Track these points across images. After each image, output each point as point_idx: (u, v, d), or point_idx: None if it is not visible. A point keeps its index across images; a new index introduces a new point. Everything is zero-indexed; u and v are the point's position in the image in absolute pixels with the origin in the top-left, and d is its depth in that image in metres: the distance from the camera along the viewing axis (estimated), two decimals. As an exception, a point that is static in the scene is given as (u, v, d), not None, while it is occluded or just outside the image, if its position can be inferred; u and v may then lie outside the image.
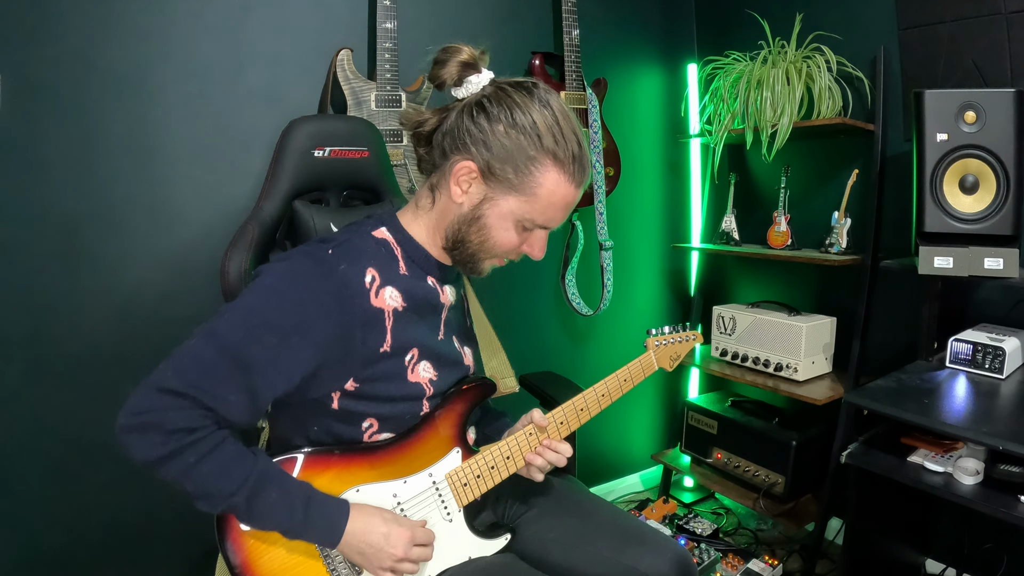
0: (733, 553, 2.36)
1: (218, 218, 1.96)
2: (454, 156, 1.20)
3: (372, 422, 1.23)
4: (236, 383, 1.07)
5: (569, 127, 1.19)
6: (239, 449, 1.09)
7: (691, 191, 3.08)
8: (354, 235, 1.24)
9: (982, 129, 1.76)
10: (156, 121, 1.88)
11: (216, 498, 1.07)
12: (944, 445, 1.75)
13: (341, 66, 1.97)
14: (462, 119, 1.20)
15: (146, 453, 1.03)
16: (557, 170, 1.18)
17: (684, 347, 1.54)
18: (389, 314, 1.20)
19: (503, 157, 1.17)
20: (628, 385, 1.42)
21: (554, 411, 1.36)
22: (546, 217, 1.22)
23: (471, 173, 1.19)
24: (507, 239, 1.23)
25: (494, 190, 1.20)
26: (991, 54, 2.01)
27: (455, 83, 1.21)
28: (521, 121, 1.16)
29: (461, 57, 1.20)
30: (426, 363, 1.26)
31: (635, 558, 1.32)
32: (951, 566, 2.25)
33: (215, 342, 1.07)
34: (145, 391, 1.04)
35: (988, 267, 1.76)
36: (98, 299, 1.85)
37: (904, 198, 1.99)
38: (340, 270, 1.16)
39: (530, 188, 1.18)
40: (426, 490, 1.27)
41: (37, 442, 1.80)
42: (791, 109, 2.29)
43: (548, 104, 1.19)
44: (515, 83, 1.21)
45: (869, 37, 2.33)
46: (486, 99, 1.19)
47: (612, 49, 2.75)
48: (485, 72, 1.22)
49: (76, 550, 1.86)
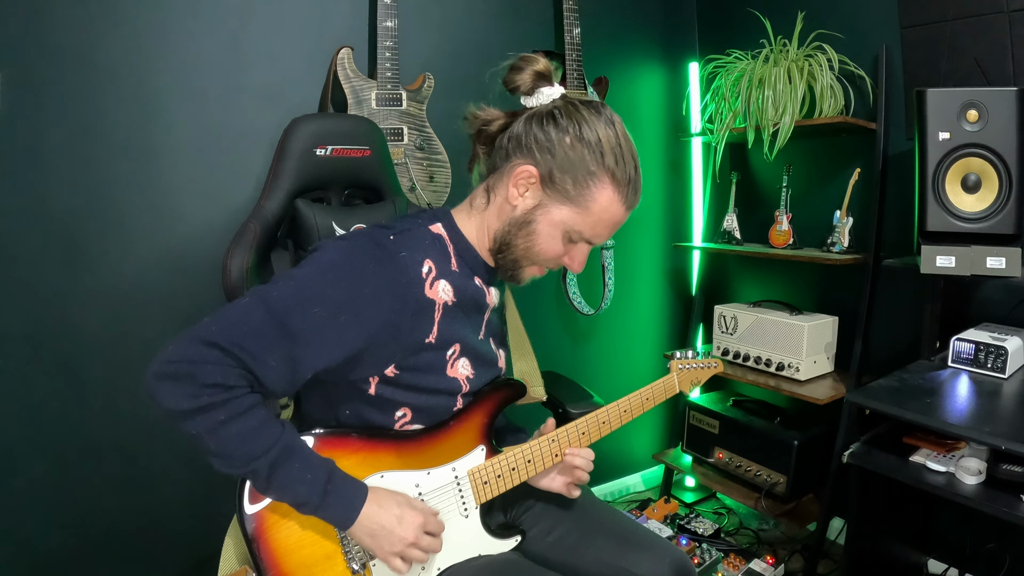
0: (735, 553, 2.36)
1: (219, 216, 1.96)
2: (516, 159, 1.23)
3: (406, 411, 1.25)
4: (279, 350, 1.07)
5: (630, 151, 1.23)
6: (268, 415, 1.09)
7: (692, 190, 3.07)
8: (413, 226, 1.27)
9: (984, 128, 1.75)
10: (157, 119, 1.87)
11: (237, 460, 1.06)
12: (946, 445, 1.74)
13: (342, 64, 1.96)
14: (531, 126, 1.23)
15: (176, 403, 1.01)
16: (613, 188, 1.22)
17: (705, 374, 1.60)
18: (439, 307, 1.23)
19: (565, 167, 1.20)
20: (649, 404, 1.48)
21: (577, 421, 1.39)
22: (593, 232, 1.25)
23: (531, 178, 1.22)
24: (552, 248, 1.26)
25: (550, 198, 1.23)
26: (993, 52, 2.01)
27: (528, 91, 1.26)
28: (588, 136, 1.20)
29: (537, 67, 1.25)
30: (465, 360, 1.29)
31: (634, 562, 1.34)
32: (953, 566, 2.24)
33: (265, 306, 1.07)
34: (186, 340, 1.02)
35: (990, 266, 1.76)
36: (98, 297, 1.85)
37: (906, 197, 1.99)
38: (400, 257, 1.19)
39: (585, 201, 1.22)
40: (448, 484, 1.28)
41: (36, 441, 1.79)
42: (793, 108, 2.29)
43: (613, 124, 1.23)
44: (585, 101, 1.25)
45: (871, 35, 2.32)
46: (557, 110, 1.23)
47: (613, 47, 2.75)
48: (557, 86, 1.26)
49: (76, 550, 1.86)
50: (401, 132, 2.02)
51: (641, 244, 2.95)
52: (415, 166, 2.06)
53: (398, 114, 2.02)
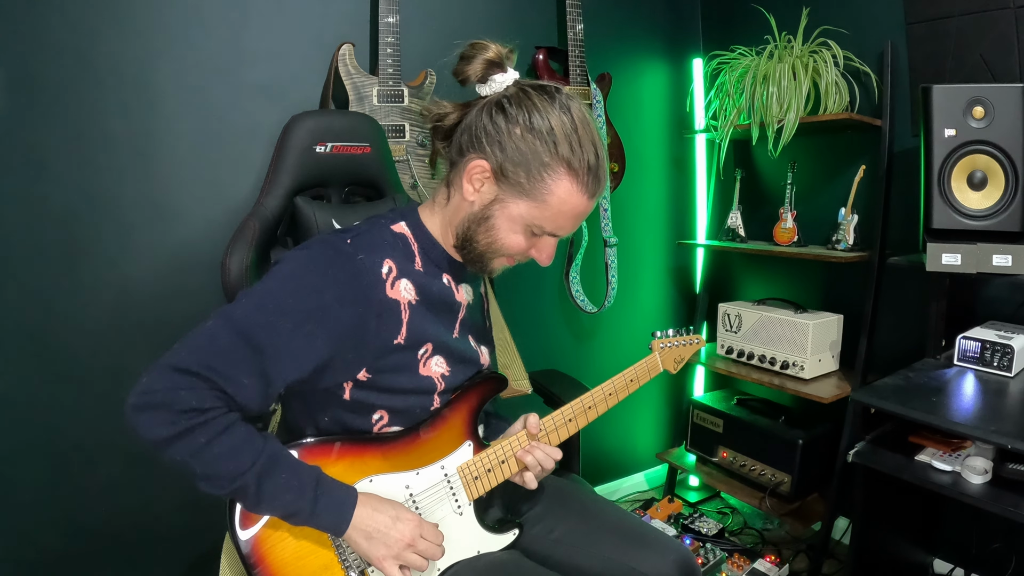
0: (739, 553, 2.35)
1: (219, 214, 1.95)
2: (470, 154, 1.20)
3: (382, 414, 1.24)
4: (250, 367, 1.06)
5: (588, 136, 1.18)
6: (249, 430, 1.09)
7: (696, 187, 3.06)
8: (373, 227, 1.25)
9: (990, 125, 1.74)
10: (156, 116, 1.87)
11: (224, 479, 1.05)
12: (952, 444, 1.73)
13: (343, 61, 1.95)
14: (481, 117, 1.19)
15: (155, 432, 1.01)
16: (570, 179, 1.17)
17: (688, 350, 1.57)
18: (405, 306, 1.21)
19: (517, 160, 1.16)
20: (634, 385, 1.45)
21: (563, 408, 1.38)
22: (555, 225, 1.21)
23: (484, 172, 1.19)
24: (514, 242, 1.23)
25: (505, 192, 1.19)
26: (999, 49, 1.99)
27: (479, 80, 1.21)
28: (539, 125, 1.16)
29: (488, 55, 1.20)
30: (439, 358, 1.27)
31: (638, 560, 1.33)
32: (959, 566, 2.23)
33: (231, 324, 1.06)
34: (158, 370, 1.03)
35: (996, 264, 1.75)
36: (97, 295, 1.84)
37: (912, 194, 1.97)
38: (358, 259, 1.16)
39: (541, 195, 1.18)
40: (438, 482, 1.27)
41: (36, 440, 1.79)
42: (797, 104, 2.27)
43: (568, 110, 1.18)
44: (538, 86, 1.21)
45: (876, 32, 2.30)
46: (506, 99, 1.18)
47: (617, 44, 2.73)
48: (511, 71, 1.22)
49: (75, 549, 1.86)
50: (403, 129, 2.01)
51: (645, 241, 2.94)
52: (417, 163, 2.05)
53: (400, 111, 2.01)
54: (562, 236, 1.25)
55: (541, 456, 1.32)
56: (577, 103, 1.20)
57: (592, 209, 1.24)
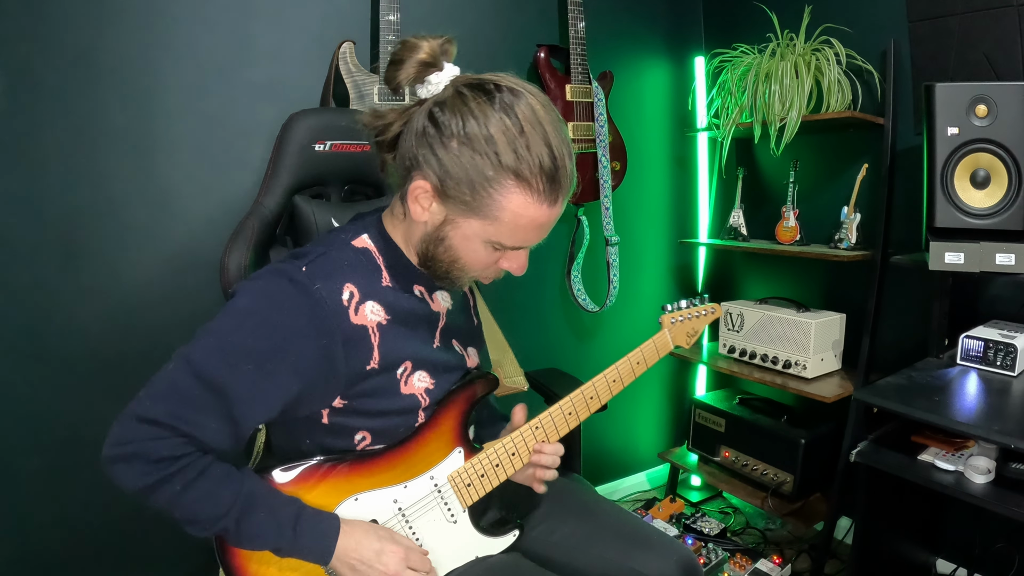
0: (741, 553, 2.34)
1: (218, 213, 1.95)
2: (413, 171, 1.08)
3: (365, 435, 1.20)
4: (215, 411, 1.04)
5: (539, 136, 1.03)
6: (225, 471, 1.07)
7: (698, 186, 3.05)
8: (332, 247, 1.16)
9: (993, 123, 1.73)
10: (156, 114, 1.86)
11: (204, 523, 1.05)
12: (955, 443, 1.73)
13: (343, 59, 1.95)
14: (416, 127, 1.07)
15: (133, 482, 1.01)
16: (521, 191, 1.04)
17: (702, 322, 1.48)
18: (373, 329, 1.13)
19: (457, 176, 1.04)
20: (641, 368, 1.40)
21: (562, 401, 1.33)
22: (516, 239, 1.10)
23: (426, 192, 1.08)
24: (478, 260, 1.14)
25: (452, 211, 1.08)
26: (1003, 47, 1.98)
27: (413, 84, 1.09)
28: (475, 133, 1.02)
29: (419, 55, 1.08)
30: (421, 373, 1.21)
31: (640, 561, 1.30)
32: (962, 566, 2.22)
33: (191, 369, 1.03)
34: (126, 421, 1.02)
35: (999, 263, 1.74)
36: (97, 294, 1.84)
37: (914, 193, 1.97)
38: (315, 289, 1.08)
39: (491, 211, 1.06)
40: (428, 494, 1.24)
41: (35, 439, 1.79)
42: (800, 102, 2.26)
43: (510, 109, 1.03)
44: (476, 84, 1.07)
45: (879, 30, 2.29)
46: (438, 106, 1.05)
47: (618, 42, 2.73)
48: (448, 68, 1.10)
49: (74, 548, 1.85)
50: (403, 128, 2.00)
51: (646, 240, 2.93)
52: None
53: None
54: (531, 246, 1.15)
55: (548, 460, 1.30)
56: (525, 98, 1.05)
57: (560, 213, 1.11)
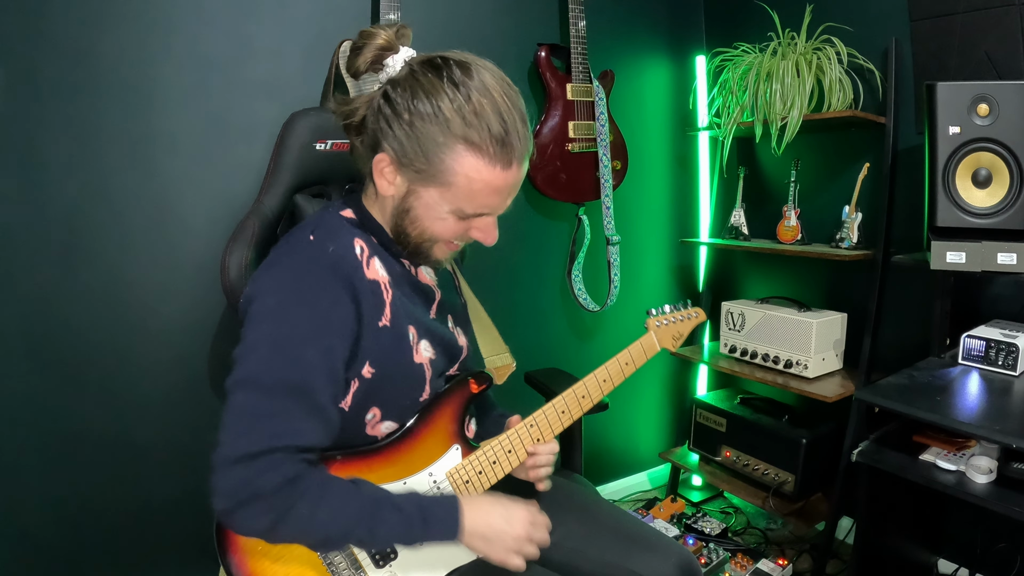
0: (742, 553, 2.34)
1: (219, 212, 1.95)
2: (377, 149, 1.15)
3: (375, 412, 1.21)
4: (299, 411, 1.04)
5: (490, 104, 1.09)
6: (341, 484, 1.08)
7: (699, 185, 3.05)
8: (325, 215, 1.22)
9: (995, 122, 1.73)
10: (156, 114, 1.86)
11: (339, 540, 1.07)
12: (957, 443, 1.72)
13: (344, 58, 1.94)
14: (375, 107, 1.14)
15: (259, 524, 1.00)
16: (473, 154, 1.09)
17: (686, 325, 1.50)
18: (385, 285, 1.19)
19: (413, 147, 1.10)
20: (630, 368, 1.41)
21: (554, 400, 1.34)
22: (476, 204, 1.15)
23: (388, 165, 1.14)
24: (444, 228, 1.18)
25: (413, 182, 1.14)
26: (1004, 46, 1.98)
27: (371, 69, 1.17)
28: (424, 108, 1.08)
29: (378, 42, 1.15)
30: (425, 342, 1.25)
31: (640, 563, 1.31)
32: (964, 566, 2.22)
33: (256, 387, 1.03)
34: (223, 471, 0.99)
35: (1001, 262, 1.73)
36: (97, 293, 1.83)
37: (916, 192, 1.96)
38: (330, 252, 1.14)
39: (445, 177, 1.11)
40: (427, 490, 1.24)
41: (36, 438, 1.79)
42: (801, 101, 2.26)
43: (461, 84, 1.09)
44: (427, 62, 1.13)
45: (880, 28, 2.29)
46: (391, 85, 1.13)
47: (619, 41, 2.72)
48: (403, 50, 1.16)
49: (74, 547, 1.85)
50: (404, 127, 2.00)
51: (647, 240, 2.93)
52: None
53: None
54: (496, 213, 1.19)
55: (543, 459, 1.32)
56: (474, 70, 1.11)
57: (519, 179, 1.16)
